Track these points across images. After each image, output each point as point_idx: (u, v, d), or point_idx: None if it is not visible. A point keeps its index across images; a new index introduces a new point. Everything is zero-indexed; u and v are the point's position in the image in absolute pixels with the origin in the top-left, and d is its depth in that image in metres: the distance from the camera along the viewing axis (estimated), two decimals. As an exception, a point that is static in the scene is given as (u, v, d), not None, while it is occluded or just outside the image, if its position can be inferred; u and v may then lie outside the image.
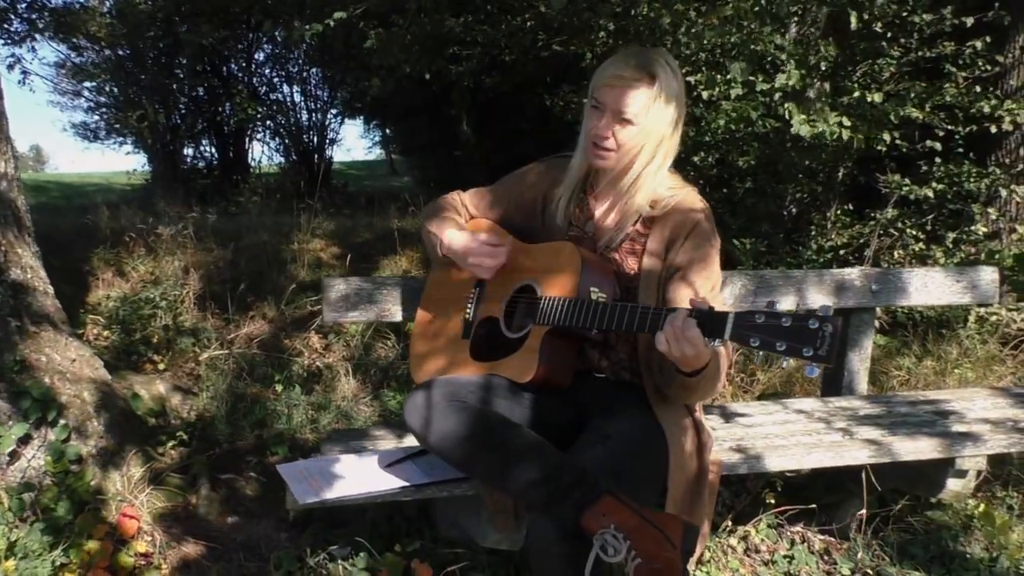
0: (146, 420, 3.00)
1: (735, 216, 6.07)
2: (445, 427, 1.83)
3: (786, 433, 2.41)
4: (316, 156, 13.24)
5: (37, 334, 2.56)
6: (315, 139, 13.30)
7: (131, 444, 2.69)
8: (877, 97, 4.41)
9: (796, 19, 5.43)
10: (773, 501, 2.65)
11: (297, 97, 13.01)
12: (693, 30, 5.10)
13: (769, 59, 5.04)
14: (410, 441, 2.33)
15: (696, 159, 6.25)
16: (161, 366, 4.31)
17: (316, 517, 2.65)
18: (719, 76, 4.76)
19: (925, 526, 2.69)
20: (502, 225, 2.24)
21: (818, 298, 2.80)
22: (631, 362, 2.06)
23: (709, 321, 1.60)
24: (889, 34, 5.35)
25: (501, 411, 1.90)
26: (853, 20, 4.40)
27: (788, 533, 2.67)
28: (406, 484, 2.00)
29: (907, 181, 5.10)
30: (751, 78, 4.67)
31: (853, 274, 2.84)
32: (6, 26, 7.41)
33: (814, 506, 2.57)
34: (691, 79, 4.89)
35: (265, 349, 4.71)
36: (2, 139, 2.61)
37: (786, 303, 2.80)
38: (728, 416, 2.60)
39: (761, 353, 1.54)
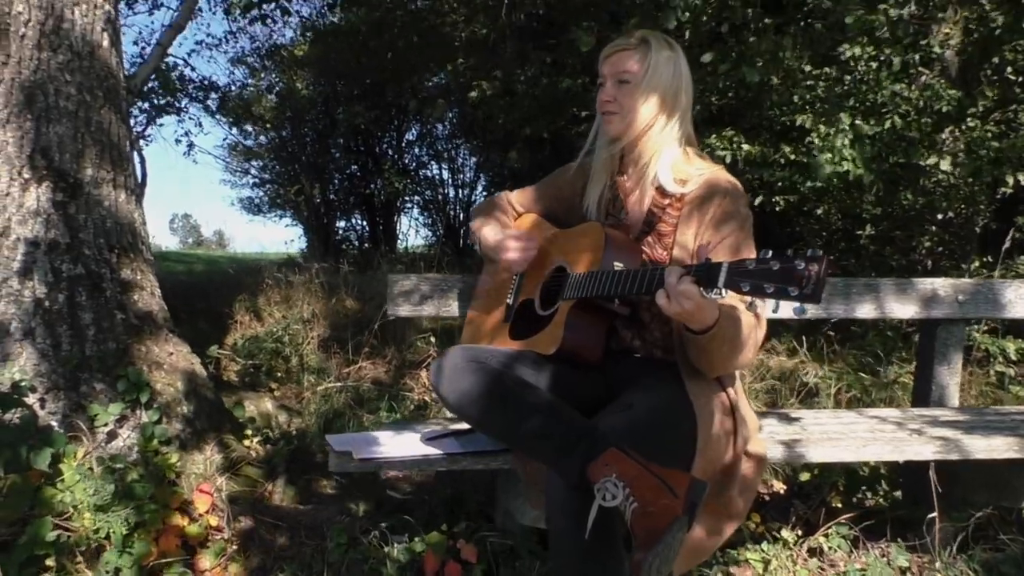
0: (236, 417, 3.19)
1: (860, 267, 5.86)
2: (463, 385, 1.90)
3: (848, 431, 2.31)
4: (462, 230, 13.73)
5: (140, 327, 2.82)
6: (461, 214, 13.81)
7: (217, 432, 2.88)
8: (992, 128, 4.22)
9: (923, 68, 5.31)
10: (840, 505, 2.51)
11: (445, 174, 13.63)
12: (807, 83, 5.10)
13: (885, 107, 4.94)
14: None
15: (820, 212, 6.12)
16: (277, 394, 4.58)
17: (383, 510, 2.73)
18: (822, 125, 4.69)
19: (1024, 546, 2.47)
20: (547, 219, 2.32)
21: (897, 307, 2.69)
22: (665, 340, 2.06)
23: (705, 273, 1.60)
24: (1022, 79, 5.14)
25: (526, 379, 1.94)
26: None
27: (870, 548, 2.51)
28: (441, 453, 2.07)
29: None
30: (859, 122, 4.59)
31: (938, 283, 2.72)
32: (176, 104, 8.29)
33: (887, 515, 2.43)
34: (798, 119, 4.85)
35: (378, 384, 4.91)
36: (124, 157, 2.94)
37: (865, 312, 2.71)
38: (792, 419, 2.51)
39: (750, 300, 1.53)
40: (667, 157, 2.03)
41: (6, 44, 2.54)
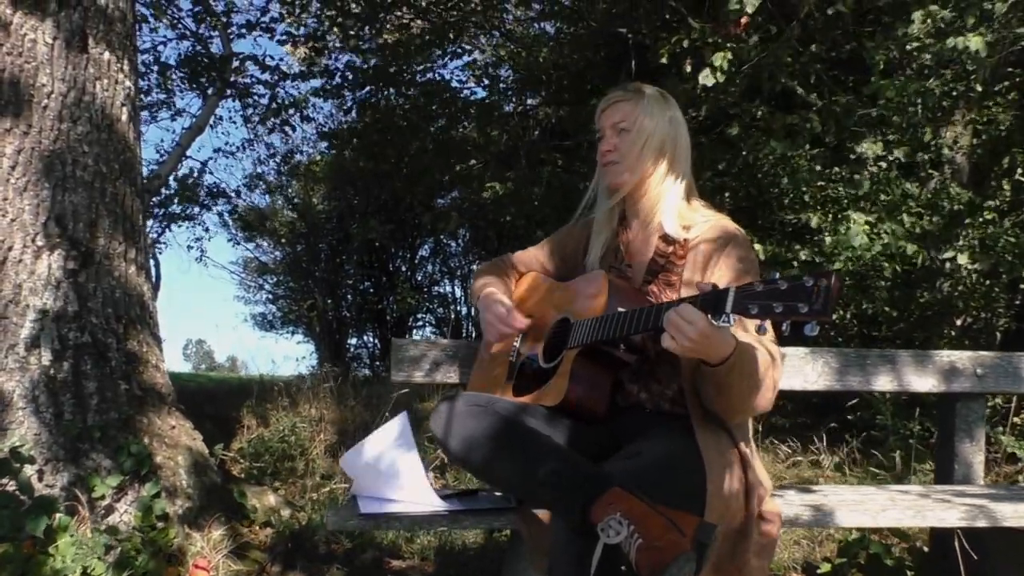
0: (236, 496, 3.10)
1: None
2: (465, 430, 1.84)
3: (867, 499, 2.21)
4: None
5: (143, 399, 2.79)
6: (473, 332, 13.82)
7: (217, 511, 2.79)
8: (1009, 227, 4.23)
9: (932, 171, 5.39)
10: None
11: (457, 292, 13.73)
12: (820, 182, 5.16)
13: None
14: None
15: (835, 317, 6.08)
16: (281, 492, 4.46)
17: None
18: (839, 232, 4.72)
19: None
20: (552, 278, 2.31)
21: (915, 380, 2.63)
22: (674, 392, 2.00)
23: (712, 299, 1.57)
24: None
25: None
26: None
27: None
28: (444, 508, 1.98)
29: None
30: (871, 220, 4.63)
31: (955, 356, 2.66)
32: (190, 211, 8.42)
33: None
34: (811, 218, 4.89)
35: (387, 486, 4.78)
36: (137, 230, 2.99)
37: (882, 384, 2.64)
38: (809, 491, 2.41)
39: (759, 323, 1.49)
40: (671, 205, 2.03)
41: (28, 114, 2.62)
